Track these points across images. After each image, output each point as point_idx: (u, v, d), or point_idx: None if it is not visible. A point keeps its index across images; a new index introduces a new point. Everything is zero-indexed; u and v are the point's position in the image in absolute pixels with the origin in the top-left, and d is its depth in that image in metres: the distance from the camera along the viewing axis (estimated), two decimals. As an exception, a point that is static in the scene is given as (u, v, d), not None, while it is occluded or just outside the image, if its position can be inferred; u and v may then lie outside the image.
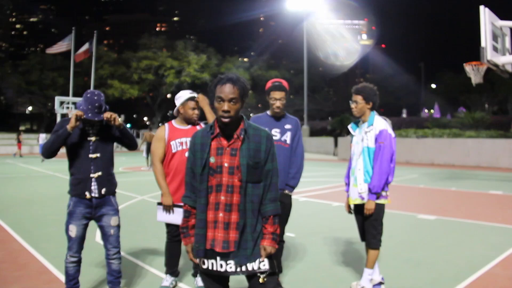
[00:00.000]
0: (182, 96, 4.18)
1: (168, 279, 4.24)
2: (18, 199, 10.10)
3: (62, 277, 4.50)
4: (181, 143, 4.11)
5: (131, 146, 3.93)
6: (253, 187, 2.50)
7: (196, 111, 4.16)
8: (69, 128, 3.50)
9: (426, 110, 53.95)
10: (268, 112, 4.31)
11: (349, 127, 4.42)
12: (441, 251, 5.77)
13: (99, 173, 3.68)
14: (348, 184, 4.31)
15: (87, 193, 3.63)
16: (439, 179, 15.39)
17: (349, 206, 4.36)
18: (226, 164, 2.48)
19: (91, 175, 3.66)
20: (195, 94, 4.19)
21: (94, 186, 3.66)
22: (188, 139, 4.10)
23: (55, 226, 6.82)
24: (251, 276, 2.54)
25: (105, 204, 3.73)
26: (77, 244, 3.67)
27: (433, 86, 57.75)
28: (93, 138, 3.69)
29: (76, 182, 3.67)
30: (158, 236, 6.16)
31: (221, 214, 2.48)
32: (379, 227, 4.12)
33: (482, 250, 5.79)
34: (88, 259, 4.99)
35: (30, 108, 68.63)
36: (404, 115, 49.93)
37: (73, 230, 3.64)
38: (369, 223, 4.10)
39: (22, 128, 70.22)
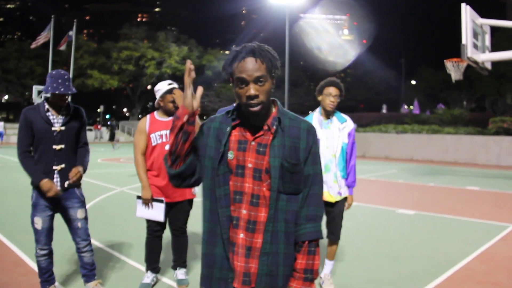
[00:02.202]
0: (161, 88, 4.06)
1: (149, 276, 4.14)
2: (-7, 189, 9.89)
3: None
4: (161, 136, 4.00)
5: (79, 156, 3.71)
6: (288, 200, 1.78)
7: (176, 104, 4.02)
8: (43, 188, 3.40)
9: (406, 106, 54.52)
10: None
11: (319, 123, 4.12)
12: (420, 245, 5.83)
13: (62, 166, 3.52)
14: None
15: None
16: (418, 174, 15.58)
17: None
18: (250, 165, 1.77)
19: (54, 168, 3.50)
20: (174, 85, 4.08)
21: (56, 179, 3.50)
22: (168, 132, 3.99)
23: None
24: None
25: (69, 196, 3.58)
26: (45, 236, 3.55)
27: (413, 82, 58.40)
28: (57, 128, 3.49)
29: None
30: (137, 228, 6.09)
31: (241, 235, 1.76)
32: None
33: (459, 244, 5.87)
34: (63, 251, 4.90)
35: (6, 97, 67.24)
36: (384, 111, 50.36)
37: (39, 223, 3.52)
38: (339, 217, 4.11)
39: (-2, 117, 68.84)
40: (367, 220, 7.53)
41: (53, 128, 3.48)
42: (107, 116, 62.99)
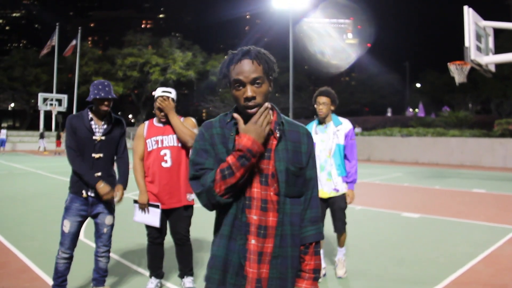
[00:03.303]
0: (155, 94, 4.05)
1: (153, 281, 4.14)
2: (-1, 196, 9.94)
3: (44, 275, 4.45)
4: (157, 142, 3.98)
5: (120, 161, 3.94)
6: (293, 203, 1.79)
7: (163, 113, 3.98)
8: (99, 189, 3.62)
9: (411, 109, 54.41)
10: None
11: (316, 127, 4.63)
12: (424, 248, 5.81)
13: (99, 174, 3.65)
14: None
15: (83, 192, 3.61)
16: (423, 177, 15.53)
17: None
18: (256, 170, 1.77)
19: None
20: (167, 94, 4.01)
21: None
22: (165, 137, 3.97)
23: (37, 224, 6.71)
24: None
25: (102, 202, 3.71)
26: (70, 240, 3.63)
27: (418, 85, 58.29)
28: (98, 138, 3.65)
29: (75, 179, 3.64)
30: (142, 234, 6.08)
31: (253, 241, 1.74)
32: (345, 213, 4.60)
33: (465, 247, 5.84)
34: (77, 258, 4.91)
35: (12, 104, 67.70)
36: (389, 114, 50.26)
37: (67, 226, 3.61)
38: (341, 211, 4.53)
39: (4, 124, 69.29)
40: (371, 223, 7.52)
41: (94, 137, 3.63)
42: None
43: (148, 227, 4.09)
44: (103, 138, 3.67)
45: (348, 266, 4.90)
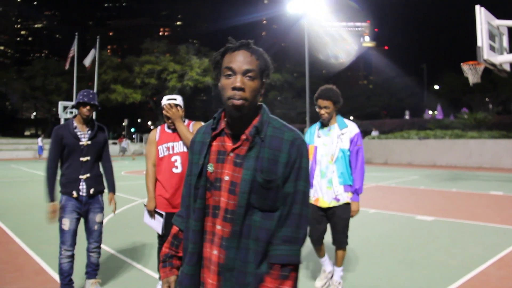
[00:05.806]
0: (162, 102, 4.08)
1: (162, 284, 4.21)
2: (19, 202, 10.18)
3: (58, 277, 4.57)
4: (168, 148, 4.01)
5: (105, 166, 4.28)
6: (263, 217, 1.61)
7: (170, 120, 4.00)
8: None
9: (430, 112, 53.77)
10: None
11: (318, 130, 4.21)
12: (436, 251, 5.79)
13: (88, 175, 3.98)
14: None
15: (74, 193, 3.89)
16: (440, 180, 15.39)
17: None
18: (227, 178, 1.64)
19: (80, 177, 3.95)
20: (172, 101, 4.02)
21: (82, 186, 3.95)
22: (175, 144, 4.01)
23: (54, 230, 6.87)
24: None
25: (93, 202, 4.03)
26: (71, 237, 3.88)
27: (436, 87, 57.62)
28: (84, 143, 3.97)
29: (66, 181, 3.93)
30: (154, 238, 6.19)
31: (215, 252, 1.64)
32: (348, 226, 4.15)
33: (477, 250, 5.81)
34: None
35: (34, 113, 69.08)
36: (406, 117, 49.77)
37: (66, 224, 3.86)
38: (344, 224, 4.08)
39: (27, 133, 70.68)
40: (385, 226, 7.50)
41: (80, 143, 3.95)
42: (132, 130, 63.94)
43: None
44: (89, 142, 4.00)
45: (357, 269, 4.93)
